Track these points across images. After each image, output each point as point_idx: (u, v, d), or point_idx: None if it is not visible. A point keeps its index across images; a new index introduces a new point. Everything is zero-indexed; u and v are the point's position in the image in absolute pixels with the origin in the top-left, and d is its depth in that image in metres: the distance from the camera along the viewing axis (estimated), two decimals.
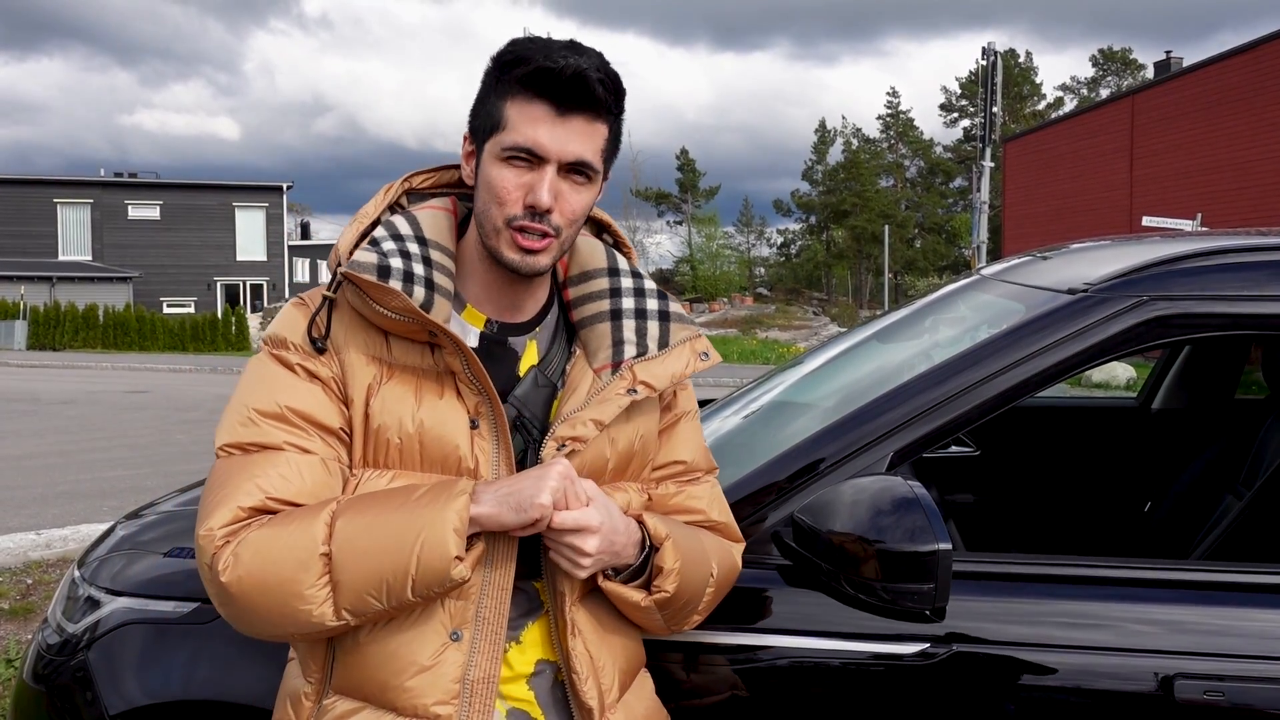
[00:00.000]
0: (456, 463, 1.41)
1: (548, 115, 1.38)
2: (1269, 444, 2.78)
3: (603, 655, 1.50)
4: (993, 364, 1.87)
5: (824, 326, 36.89)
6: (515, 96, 1.39)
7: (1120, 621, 1.76)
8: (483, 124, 1.43)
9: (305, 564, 1.30)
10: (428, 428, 1.40)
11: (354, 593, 1.31)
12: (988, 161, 25.85)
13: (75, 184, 45.75)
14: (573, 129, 1.38)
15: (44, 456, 10.61)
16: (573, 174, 1.41)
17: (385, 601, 1.32)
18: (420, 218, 1.49)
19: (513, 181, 1.39)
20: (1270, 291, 1.88)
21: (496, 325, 1.51)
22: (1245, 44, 23.12)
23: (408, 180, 1.57)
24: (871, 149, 64.71)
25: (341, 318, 1.44)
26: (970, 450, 3.42)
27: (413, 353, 1.43)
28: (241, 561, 1.31)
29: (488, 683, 1.41)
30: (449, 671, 1.39)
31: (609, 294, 1.55)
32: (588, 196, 1.44)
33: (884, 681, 1.76)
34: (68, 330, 35.05)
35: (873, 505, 1.69)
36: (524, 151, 1.38)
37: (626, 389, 1.47)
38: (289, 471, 1.36)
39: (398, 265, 1.40)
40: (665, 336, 1.54)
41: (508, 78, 1.39)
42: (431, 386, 1.42)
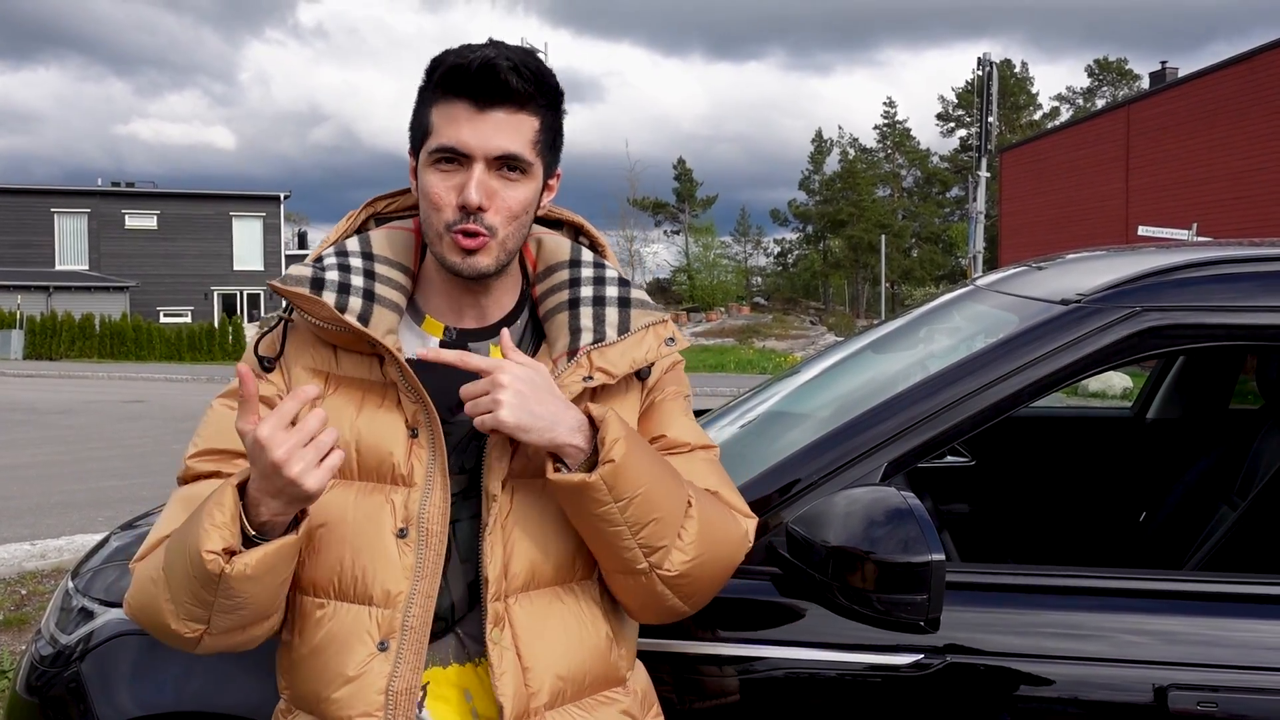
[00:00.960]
0: (390, 470, 1.42)
1: (467, 113, 1.38)
2: (1263, 454, 2.78)
3: (536, 656, 1.42)
4: (986, 375, 1.87)
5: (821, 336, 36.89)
6: (438, 101, 1.40)
7: (1114, 632, 1.76)
8: (415, 135, 1.45)
9: (156, 581, 1.36)
10: (364, 436, 1.42)
11: (179, 603, 1.33)
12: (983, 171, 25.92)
13: (72, 193, 45.72)
14: (494, 123, 1.38)
15: (40, 466, 10.59)
16: (504, 169, 1.40)
17: (199, 606, 1.32)
18: (373, 236, 1.52)
19: (443, 185, 1.40)
20: (1263, 302, 1.88)
21: (455, 333, 1.51)
22: (1240, 55, 23.20)
23: (372, 205, 1.59)
24: (868, 159, 64.88)
25: (295, 336, 1.48)
26: (965, 460, 3.42)
27: (361, 365, 1.45)
28: (131, 586, 1.42)
29: (410, 694, 1.39)
30: (374, 682, 1.38)
31: (568, 284, 1.53)
32: (523, 191, 1.42)
33: (878, 693, 1.76)
34: (64, 340, 35.01)
35: (866, 516, 1.69)
36: (448, 152, 1.39)
37: (583, 376, 1.44)
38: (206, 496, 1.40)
39: (332, 278, 1.43)
40: (625, 322, 1.51)
41: (430, 84, 1.42)
42: (374, 398, 1.44)
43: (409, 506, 1.41)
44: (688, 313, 45.37)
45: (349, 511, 1.41)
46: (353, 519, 1.41)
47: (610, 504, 1.36)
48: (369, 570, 1.40)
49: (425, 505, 1.41)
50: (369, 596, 1.40)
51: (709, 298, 49.34)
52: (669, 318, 1.56)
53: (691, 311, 45.92)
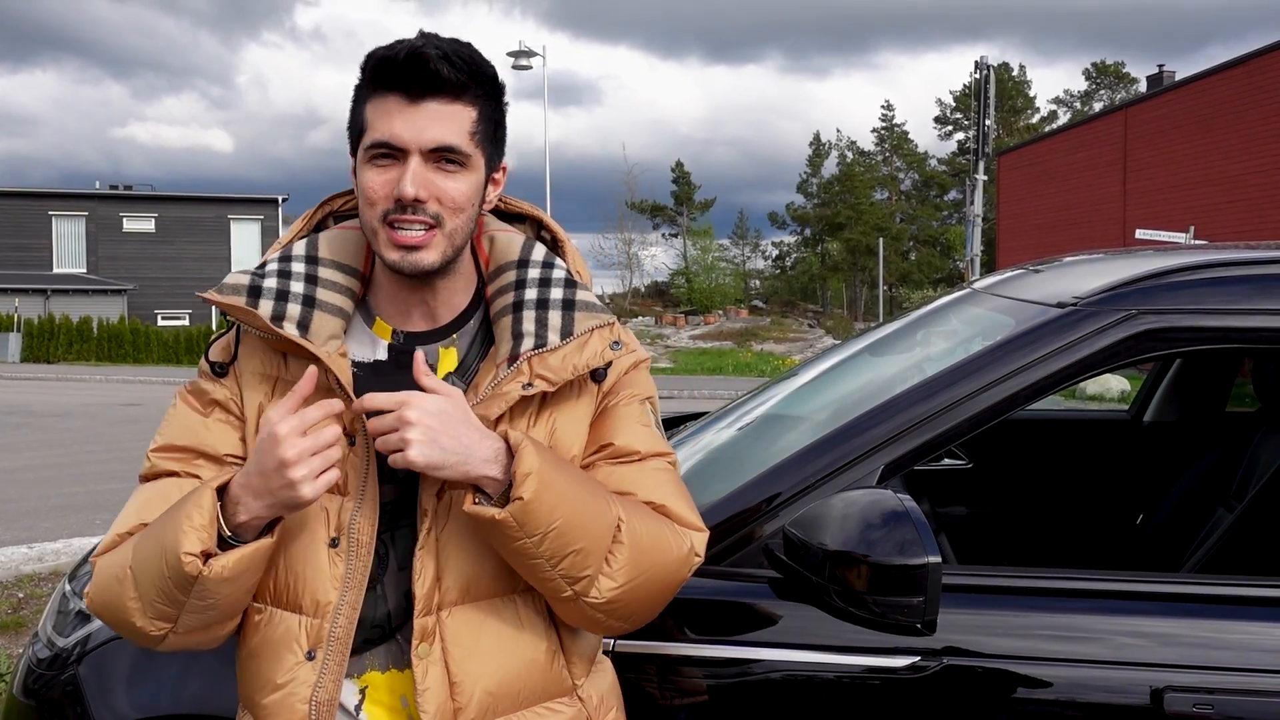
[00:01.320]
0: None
1: (400, 105, 1.35)
2: (1260, 456, 2.79)
3: (465, 673, 1.39)
4: (982, 378, 1.87)
5: (819, 339, 36.91)
6: (371, 96, 1.38)
7: (1111, 634, 1.77)
8: (352, 134, 1.43)
9: (122, 579, 1.35)
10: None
11: (148, 601, 1.33)
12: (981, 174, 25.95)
13: (70, 196, 45.69)
14: (427, 114, 1.35)
15: (37, 469, 10.59)
16: (441, 162, 1.37)
17: (169, 605, 1.33)
18: (322, 238, 1.50)
19: (378, 180, 1.37)
20: (1258, 305, 1.89)
21: (403, 336, 1.48)
22: (1237, 58, 23.24)
23: (328, 204, 1.57)
24: (866, 162, 64.90)
25: (249, 341, 1.48)
26: (962, 463, 3.43)
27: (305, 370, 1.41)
28: (93, 581, 1.41)
29: (331, 705, 1.39)
30: (298, 691, 1.38)
31: (514, 286, 1.47)
32: (464, 183, 1.38)
33: (875, 695, 1.76)
34: (62, 343, 34.99)
35: (862, 519, 1.69)
36: (383, 147, 1.36)
37: (522, 384, 1.39)
38: (172, 494, 1.39)
39: (270, 285, 1.42)
40: (569, 326, 1.44)
41: (363, 81, 1.40)
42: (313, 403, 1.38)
43: (341, 516, 1.40)
44: (686, 315, 45.36)
45: (287, 519, 1.37)
46: (290, 526, 1.39)
47: (524, 539, 1.32)
48: (301, 578, 1.40)
49: (356, 515, 1.40)
50: (300, 605, 1.40)
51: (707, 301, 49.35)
52: (615, 320, 1.50)
53: (689, 314, 45.92)
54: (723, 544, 1.86)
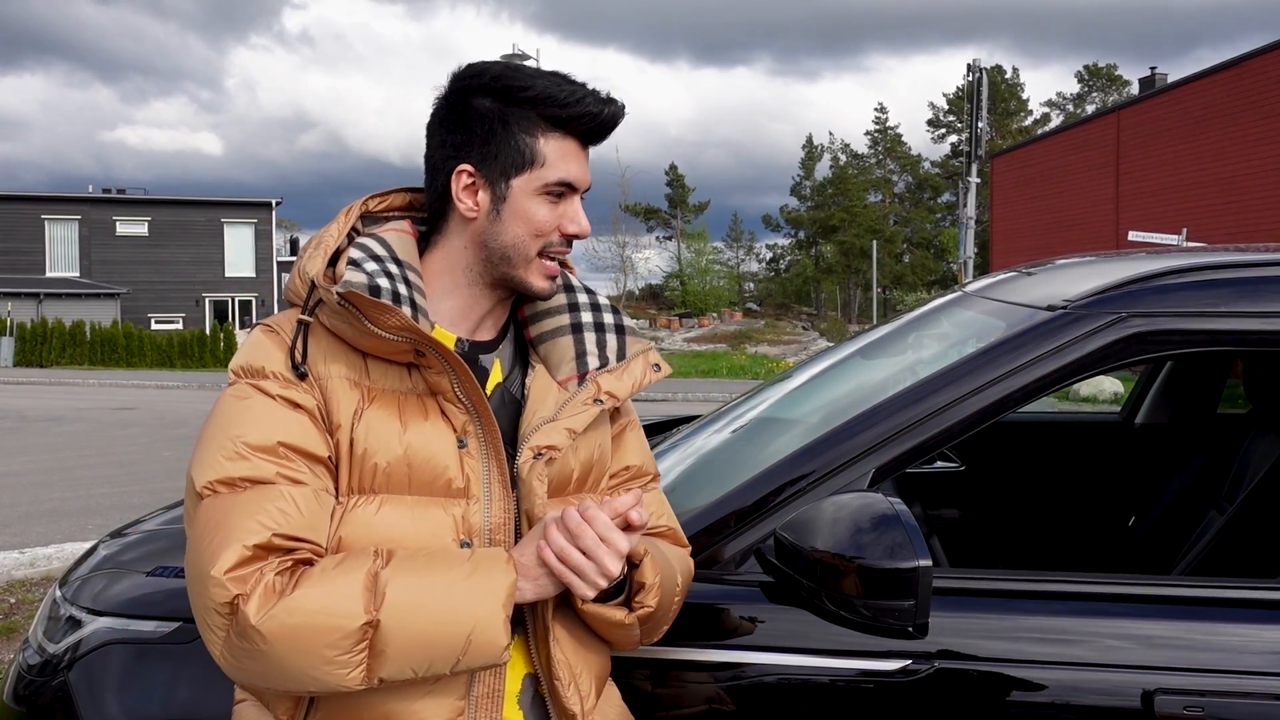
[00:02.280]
0: (446, 484, 1.41)
1: (578, 151, 1.49)
2: (1251, 459, 2.79)
3: (579, 663, 1.50)
4: (972, 381, 1.88)
5: (813, 341, 36.95)
6: (553, 134, 1.47)
7: (1102, 637, 1.77)
8: (510, 159, 1.46)
9: (347, 633, 1.27)
10: (415, 450, 1.39)
11: (395, 665, 1.30)
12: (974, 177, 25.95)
13: (63, 200, 45.61)
14: (589, 161, 1.52)
15: (30, 474, 10.56)
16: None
17: (422, 674, 1.32)
18: (391, 240, 1.50)
19: (553, 214, 1.48)
20: (1248, 307, 1.89)
21: (467, 344, 1.52)
22: (1229, 60, 23.30)
23: (365, 203, 1.58)
24: (859, 164, 64.97)
25: (318, 342, 1.42)
26: (955, 465, 3.43)
27: (391, 375, 1.43)
28: (284, 620, 1.26)
29: (493, 697, 1.44)
30: (454, 689, 1.41)
31: (567, 309, 1.59)
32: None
33: (867, 698, 1.76)
34: (55, 347, 34.91)
35: (853, 522, 1.69)
36: (565, 185, 1.48)
37: (593, 399, 1.52)
38: (286, 505, 1.32)
39: (385, 285, 1.39)
40: (623, 349, 1.60)
41: (542, 115, 1.46)
42: (414, 408, 1.42)
43: (470, 519, 1.42)
44: (680, 318, 45.37)
45: (408, 528, 1.39)
46: (414, 535, 1.38)
47: (636, 630, 1.50)
48: None
49: (489, 516, 1.44)
50: None
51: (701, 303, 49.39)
52: (653, 346, 1.66)
53: (684, 317, 45.94)
54: (714, 548, 1.86)
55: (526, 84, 1.44)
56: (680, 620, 1.80)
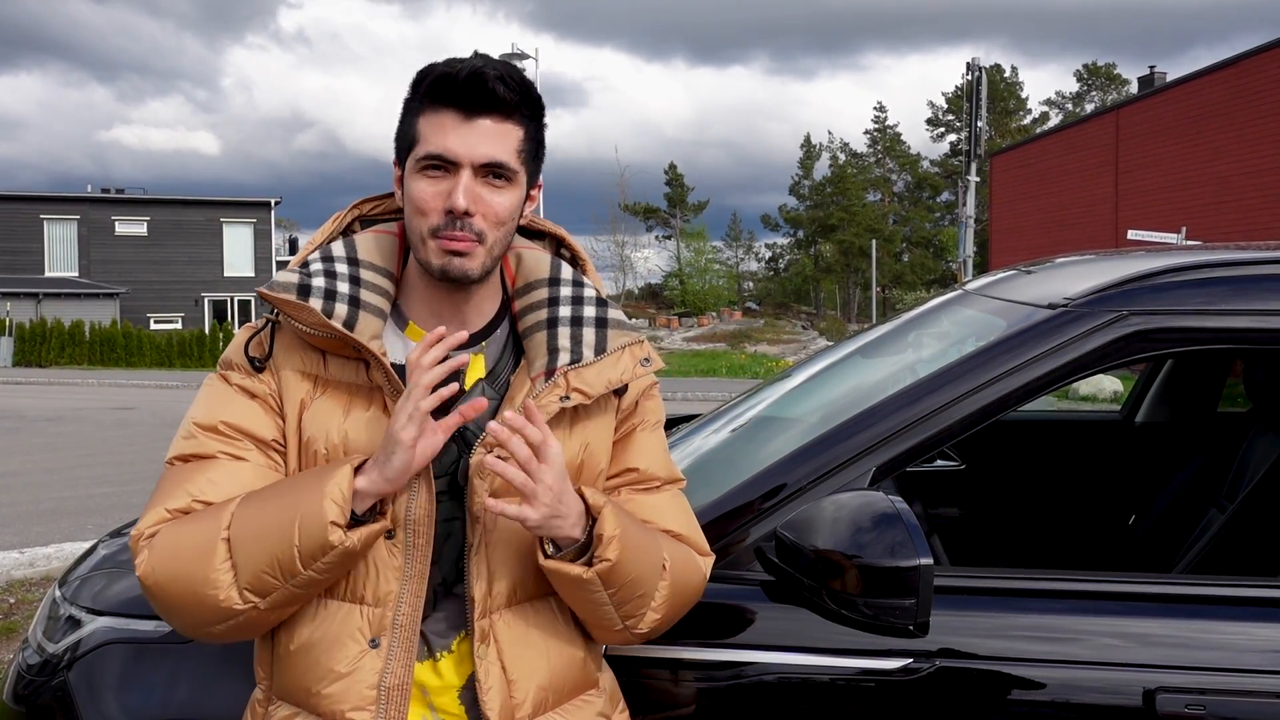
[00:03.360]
0: None
1: (455, 121, 1.42)
2: (1251, 457, 2.79)
3: (520, 669, 1.47)
4: (973, 379, 1.88)
5: (812, 340, 36.96)
6: (425, 110, 1.44)
7: (1103, 635, 1.77)
8: (402, 144, 1.48)
9: (208, 549, 1.36)
10: (351, 438, 1.44)
11: (251, 571, 1.35)
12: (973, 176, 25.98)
13: (62, 200, 45.57)
14: (481, 131, 1.42)
15: (29, 474, 10.55)
16: (490, 176, 1.43)
17: (281, 578, 1.35)
18: (358, 241, 1.54)
19: (430, 191, 1.43)
20: (1248, 305, 1.89)
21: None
22: (1228, 59, 23.31)
23: (357, 207, 1.61)
24: (858, 164, 64.96)
25: (284, 338, 1.50)
26: (955, 464, 3.43)
27: (347, 369, 1.47)
28: (154, 553, 1.39)
29: (402, 689, 1.43)
30: (365, 678, 1.42)
31: (547, 303, 1.56)
32: (509, 198, 1.46)
33: (868, 697, 1.76)
34: (54, 347, 34.91)
35: (853, 521, 1.69)
36: (436, 159, 1.42)
37: (559, 396, 1.48)
38: (218, 476, 1.43)
39: (319, 284, 1.45)
40: (602, 343, 1.54)
41: (417, 95, 1.45)
42: (361, 401, 1.46)
43: (396, 508, 1.43)
44: (679, 318, 45.38)
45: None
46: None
47: (601, 592, 1.45)
48: (359, 570, 1.44)
49: (412, 507, 1.44)
50: (360, 595, 1.44)
51: (700, 303, 49.39)
52: (644, 339, 1.60)
53: (683, 316, 45.95)
54: (715, 546, 1.86)
55: (419, 71, 1.46)
56: (681, 619, 1.81)
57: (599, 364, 1.52)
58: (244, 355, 1.50)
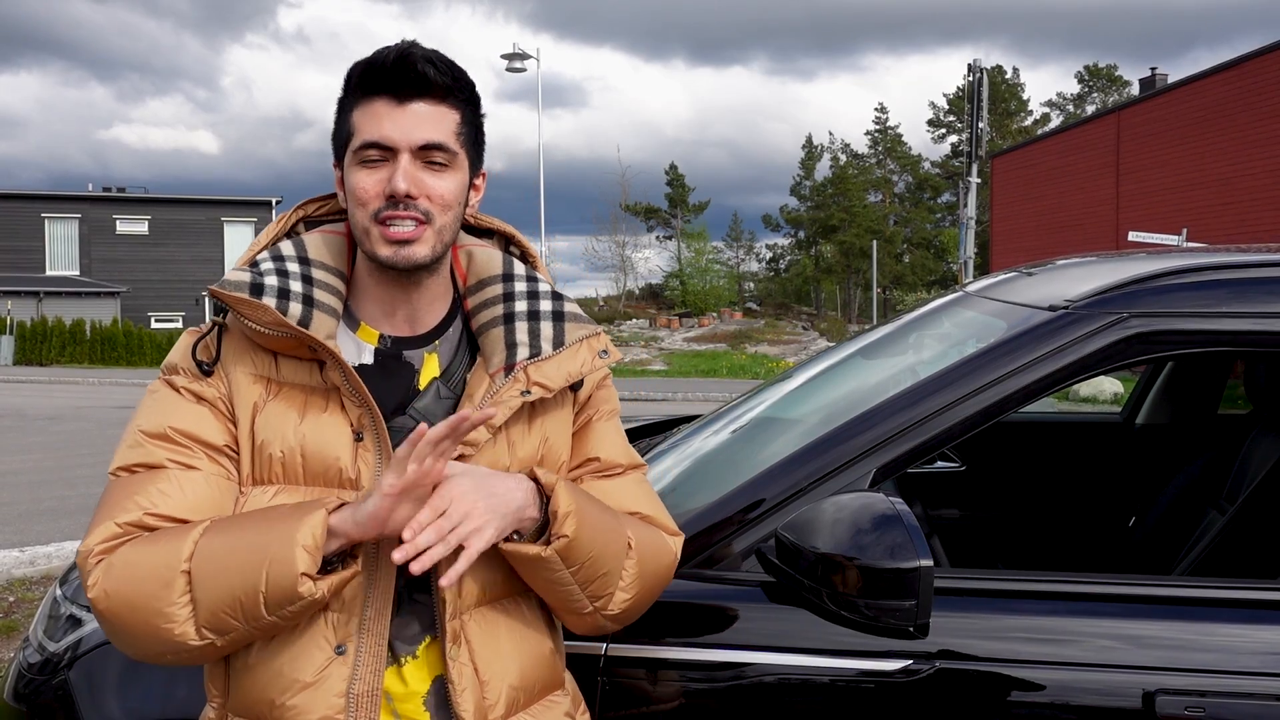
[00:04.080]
0: (338, 474, 1.41)
1: (388, 107, 1.40)
2: (1252, 459, 2.79)
3: (492, 670, 1.45)
4: (973, 381, 1.88)
5: (813, 341, 36.95)
6: (358, 103, 1.42)
7: (1103, 637, 1.77)
8: (339, 142, 1.46)
9: (167, 581, 1.30)
10: (309, 441, 1.41)
11: (210, 611, 1.30)
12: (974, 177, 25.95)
13: (63, 199, 45.59)
14: (415, 115, 1.40)
15: (29, 473, 10.56)
16: (430, 160, 1.41)
17: (243, 620, 1.31)
18: (306, 240, 1.52)
19: (370, 179, 1.40)
20: (1248, 308, 1.89)
21: (390, 340, 1.50)
22: (1230, 60, 23.30)
23: (302, 208, 1.59)
24: (859, 164, 64.94)
25: (232, 341, 1.47)
26: (956, 465, 3.43)
27: (301, 371, 1.44)
28: (110, 577, 1.33)
29: (372, 696, 1.39)
30: (333, 686, 1.38)
31: (502, 299, 1.54)
32: (452, 180, 1.43)
33: (868, 698, 1.76)
34: (55, 345, 34.93)
35: (853, 522, 1.69)
36: (373, 147, 1.40)
37: (520, 391, 1.46)
38: (169, 487, 1.38)
39: (272, 283, 1.42)
40: (560, 336, 1.53)
41: (349, 90, 1.44)
42: (317, 402, 1.43)
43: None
44: (680, 318, 45.38)
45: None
46: None
47: (562, 570, 1.42)
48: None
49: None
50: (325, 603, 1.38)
51: (701, 303, 49.35)
52: (601, 330, 1.59)
53: (684, 316, 45.93)
54: (715, 548, 1.86)
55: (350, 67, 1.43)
56: (682, 619, 1.81)
57: (558, 357, 1.51)
58: (191, 359, 1.46)
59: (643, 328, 42.63)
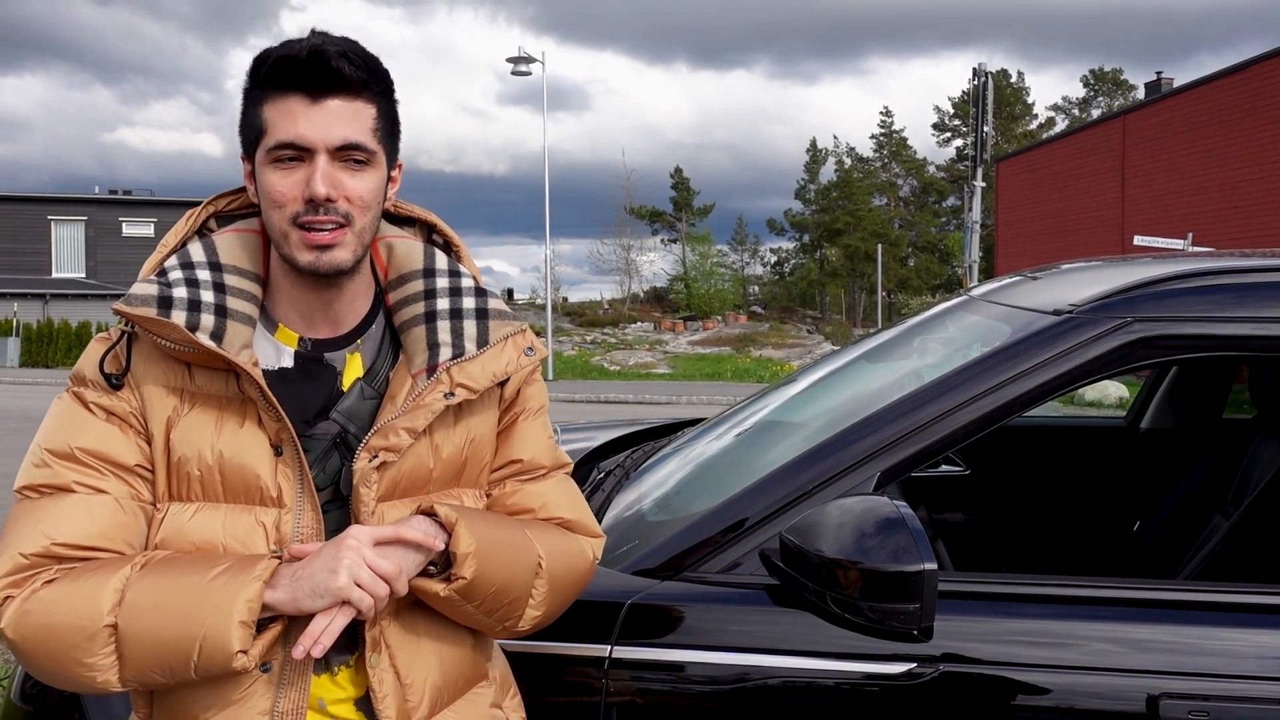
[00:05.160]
0: (259, 492, 1.37)
1: (302, 105, 1.34)
2: (1257, 463, 2.79)
3: (413, 672, 1.43)
4: (978, 385, 1.88)
5: (818, 345, 36.94)
6: (268, 98, 1.35)
7: (1107, 641, 1.77)
8: (248, 137, 1.40)
9: (90, 634, 1.26)
10: (227, 458, 1.36)
11: (137, 668, 1.27)
12: (979, 181, 25.96)
13: (69, 201, 45.69)
14: (331, 113, 1.34)
15: None
16: (348, 160, 1.36)
17: (169, 679, 1.29)
18: (218, 242, 1.44)
19: (285, 181, 1.35)
20: (1253, 312, 1.90)
21: (310, 343, 1.45)
22: (1236, 64, 23.28)
23: (212, 203, 1.51)
24: (864, 168, 64.93)
25: (142, 350, 1.39)
26: (960, 469, 3.43)
27: (216, 381, 1.38)
28: (26, 623, 1.28)
29: (296, 713, 1.37)
30: (257, 704, 1.35)
31: (423, 296, 1.48)
32: (370, 180, 1.38)
33: (872, 701, 1.76)
34: (61, 348, 34.98)
35: (857, 526, 1.70)
36: (288, 147, 1.34)
37: (444, 393, 1.42)
38: (77, 513, 1.32)
39: (180, 294, 1.35)
40: (484, 335, 1.48)
41: (257, 82, 1.37)
42: (233, 415, 1.37)
43: (281, 528, 1.37)
44: (685, 321, 45.39)
45: (219, 534, 1.36)
46: (222, 541, 1.36)
47: (465, 604, 1.41)
48: None
49: (299, 527, 1.38)
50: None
51: (706, 306, 49.37)
52: (526, 327, 1.54)
53: (688, 320, 45.95)
54: (720, 551, 1.87)
55: (256, 57, 1.37)
56: (687, 623, 1.81)
57: (482, 357, 1.46)
58: (99, 372, 1.38)
59: (647, 331, 42.64)
